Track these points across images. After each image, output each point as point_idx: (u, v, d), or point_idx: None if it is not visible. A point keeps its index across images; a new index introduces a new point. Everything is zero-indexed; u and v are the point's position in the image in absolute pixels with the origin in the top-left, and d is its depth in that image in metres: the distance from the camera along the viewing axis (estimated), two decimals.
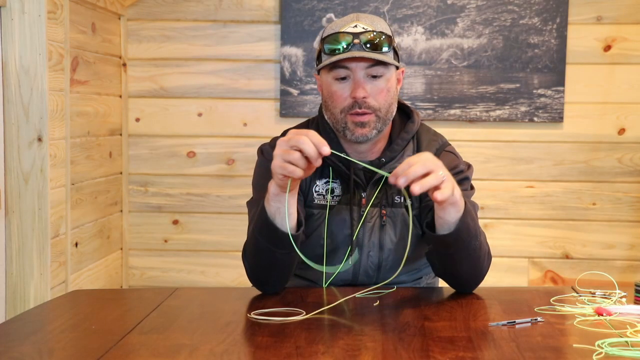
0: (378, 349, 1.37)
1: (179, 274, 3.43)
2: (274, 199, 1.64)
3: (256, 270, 1.76)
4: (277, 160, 1.56)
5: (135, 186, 3.41)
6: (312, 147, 1.52)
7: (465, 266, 1.72)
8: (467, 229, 1.65)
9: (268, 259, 1.71)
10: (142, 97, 3.39)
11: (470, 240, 1.67)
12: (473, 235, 1.67)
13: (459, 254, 1.69)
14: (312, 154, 1.53)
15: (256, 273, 1.77)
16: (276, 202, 1.64)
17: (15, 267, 2.56)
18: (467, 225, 1.65)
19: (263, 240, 1.69)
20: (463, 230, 1.65)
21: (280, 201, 1.63)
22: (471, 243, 1.68)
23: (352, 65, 1.78)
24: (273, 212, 1.66)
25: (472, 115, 3.31)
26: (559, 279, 3.37)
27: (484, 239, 1.75)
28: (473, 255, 1.70)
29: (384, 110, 1.80)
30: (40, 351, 1.36)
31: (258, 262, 1.74)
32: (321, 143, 1.53)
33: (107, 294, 2.08)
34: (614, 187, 3.34)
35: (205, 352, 1.34)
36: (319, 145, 1.53)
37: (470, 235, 1.67)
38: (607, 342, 1.37)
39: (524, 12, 3.27)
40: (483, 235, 1.75)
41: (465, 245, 1.67)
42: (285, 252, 1.70)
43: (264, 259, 1.72)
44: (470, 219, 1.66)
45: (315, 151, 1.53)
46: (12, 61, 2.52)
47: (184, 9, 3.35)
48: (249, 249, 1.76)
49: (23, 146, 2.54)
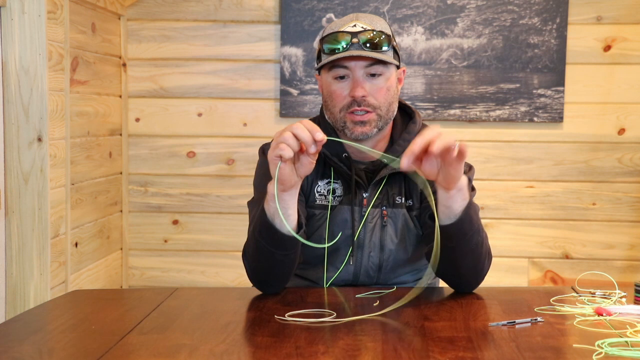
0: (378, 349, 1.37)
1: (179, 274, 3.43)
2: (273, 200, 1.64)
3: (256, 271, 1.76)
4: (272, 147, 1.56)
5: (135, 186, 3.41)
6: (306, 131, 1.53)
7: (465, 263, 1.72)
8: (470, 221, 1.65)
9: (268, 260, 1.71)
10: (142, 97, 3.39)
11: (472, 234, 1.67)
12: (475, 230, 1.67)
13: (461, 248, 1.68)
14: (305, 138, 1.53)
15: (256, 274, 1.77)
16: (274, 202, 1.64)
17: (15, 267, 2.56)
18: (471, 217, 1.65)
19: (263, 242, 1.69)
20: (466, 222, 1.65)
21: (279, 202, 1.63)
22: (473, 237, 1.68)
23: (351, 64, 1.78)
24: (272, 213, 1.65)
25: (472, 115, 3.31)
26: (559, 279, 3.37)
27: (486, 238, 1.76)
28: (475, 251, 1.70)
29: (384, 108, 1.80)
30: (40, 351, 1.36)
31: (258, 263, 1.74)
32: (314, 129, 1.53)
33: (107, 294, 2.08)
34: (614, 187, 3.34)
35: (205, 352, 1.34)
36: (313, 131, 1.53)
37: (473, 229, 1.67)
38: (607, 342, 1.37)
39: (524, 12, 3.27)
40: (485, 234, 1.75)
41: (467, 239, 1.67)
42: (285, 253, 1.70)
43: (264, 260, 1.72)
44: (473, 212, 1.67)
45: (308, 135, 1.53)
46: (12, 61, 2.52)
47: (184, 9, 3.35)
48: (249, 250, 1.76)
49: (23, 146, 2.54)
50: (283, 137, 1.54)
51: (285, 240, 1.66)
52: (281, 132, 1.56)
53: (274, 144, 1.56)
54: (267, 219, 1.66)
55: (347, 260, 1.84)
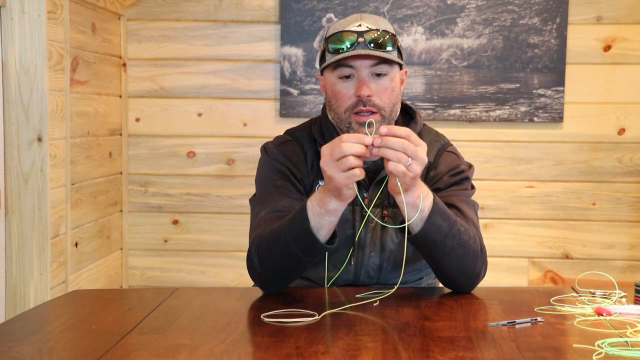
0: (378, 349, 1.37)
1: (179, 274, 3.43)
2: (331, 214, 1.63)
3: (270, 270, 1.75)
4: (336, 176, 1.54)
5: (135, 186, 3.41)
6: (358, 146, 1.53)
7: (449, 266, 1.72)
8: (437, 229, 1.65)
9: (291, 264, 1.71)
10: (142, 97, 3.39)
11: (444, 240, 1.67)
12: (446, 235, 1.67)
13: (436, 252, 1.69)
14: (362, 152, 1.53)
15: (268, 273, 1.75)
16: (331, 216, 1.63)
17: (15, 267, 2.56)
18: (437, 225, 1.65)
19: (296, 248, 1.67)
20: (432, 231, 1.65)
21: (337, 215, 1.63)
22: (446, 242, 1.68)
23: (356, 63, 1.78)
24: (320, 225, 1.64)
25: (472, 115, 3.31)
26: (559, 279, 3.37)
27: (471, 238, 1.74)
28: (452, 255, 1.70)
29: (388, 109, 1.80)
30: (40, 351, 1.36)
31: (276, 264, 1.73)
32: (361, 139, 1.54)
33: (107, 294, 2.08)
34: (614, 187, 3.34)
35: (205, 352, 1.34)
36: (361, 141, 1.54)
37: (443, 235, 1.66)
38: (607, 342, 1.37)
39: (524, 12, 3.27)
40: (468, 235, 1.73)
41: (440, 244, 1.67)
42: (312, 260, 1.71)
43: (286, 263, 1.71)
44: (440, 218, 1.66)
45: (363, 148, 1.53)
46: (12, 61, 2.52)
47: (184, 9, 3.35)
48: (267, 249, 1.73)
49: (23, 146, 2.54)
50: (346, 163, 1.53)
51: (322, 250, 1.67)
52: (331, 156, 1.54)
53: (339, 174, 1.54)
54: (309, 229, 1.64)
55: (348, 260, 1.84)
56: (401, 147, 1.52)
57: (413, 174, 1.54)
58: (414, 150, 1.53)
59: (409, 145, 1.52)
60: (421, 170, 1.56)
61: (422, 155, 1.54)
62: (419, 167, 1.54)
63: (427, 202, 1.64)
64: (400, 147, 1.52)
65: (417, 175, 1.56)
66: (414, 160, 1.53)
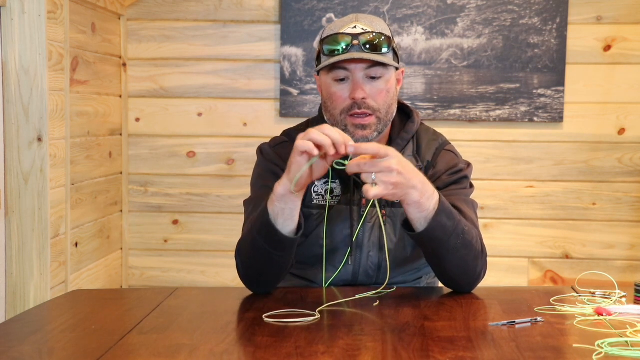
0: (378, 349, 1.37)
1: (179, 274, 3.43)
2: (280, 200, 1.63)
3: (250, 269, 1.76)
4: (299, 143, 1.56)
5: (135, 186, 3.41)
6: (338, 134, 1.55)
7: (450, 263, 1.72)
8: (442, 228, 1.65)
9: (263, 260, 1.71)
10: (142, 97, 3.39)
11: (448, 239, 1.67)
12: (451, 234, 1.67)
13: (440, 251, 1.69)
14: (339, 139, 1.54)
15: (249, 272, 1.76)
16: (281, 202, 1.64)
17: (15, 267, 2.56)
18: (442, 224, 1.65)
19: (262, 241, 1.69)
20: (437, 229, 1.65)
21: (286, 202, 1.63)
22: (450, 241, 1.68)
23: (351, 66, 1.78)
24: (275, 214, 1.65)
25: (472, 115, 3.31)
26: (559, 279, 3.37)
27: (474, 238, 1.74)
28: (455, 254, 1.70)
29: (383, 111, 1.80)
30: (40, 351, 1.36)
31: (253, 262, 1.74)
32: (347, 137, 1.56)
33: (107, 294, 2.08)
34: (614, 187, 3.34)
35: (205, 352, 1.34)
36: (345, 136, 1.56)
37: (448, 234, 1.67)
38: (607, 342, 1.37)
39: (524, 12, 3.27)
40: (471, 234, 1.73)
41: (443, 244, 1.67)
42: (282, 254, 1.69)
43: (260, 260, 1.71)
44: (446, 217, 1.66)
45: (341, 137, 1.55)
46: (12, 61, 2.52)
47: (184, 9, 3.35)
48: (244, 248, 1.76)
49: (23, 146, 2.55)
50: (312, 136, 1.54)
51: (285, 241, 1.66)
52: (306, 134, 1.56)
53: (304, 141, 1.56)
54: (269, 219, 1.65)
55: (346, 260, 1.84)
56: (358, 169, 1.54)
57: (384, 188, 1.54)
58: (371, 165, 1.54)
59: (364, 164, 1.54)
60: (395, 179, 1.55)
61: (386, 164, 1.54)
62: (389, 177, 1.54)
63: (433, 201, 1.64)
64: (357, 168, 1.54)
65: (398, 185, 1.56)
66: (378, 175, 1.54)
